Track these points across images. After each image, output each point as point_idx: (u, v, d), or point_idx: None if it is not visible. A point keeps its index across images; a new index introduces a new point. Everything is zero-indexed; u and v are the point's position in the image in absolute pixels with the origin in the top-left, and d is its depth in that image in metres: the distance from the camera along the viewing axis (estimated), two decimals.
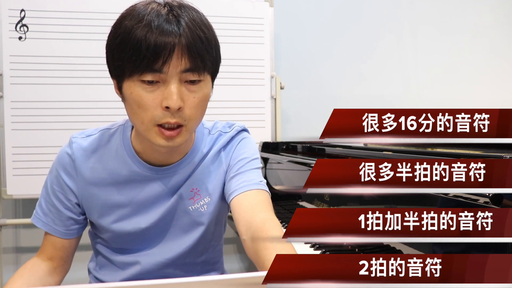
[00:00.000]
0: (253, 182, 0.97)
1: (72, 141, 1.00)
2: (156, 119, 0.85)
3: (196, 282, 0.44)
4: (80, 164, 0.98)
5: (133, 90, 0.85)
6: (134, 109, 0.87)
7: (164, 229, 1.02)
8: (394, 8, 2.89)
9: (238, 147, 1.04)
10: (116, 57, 0.86)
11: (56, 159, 1.01)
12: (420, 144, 1.77)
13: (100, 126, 1.03)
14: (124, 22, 0.85)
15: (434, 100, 2.93)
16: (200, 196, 1.01)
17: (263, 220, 0.88)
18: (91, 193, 0.99)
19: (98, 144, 1.00)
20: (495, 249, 0.80)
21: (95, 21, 2.25)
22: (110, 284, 0.39)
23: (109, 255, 1.05)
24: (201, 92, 0.88)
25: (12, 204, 2.39)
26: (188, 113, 0.87)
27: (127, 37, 0.83)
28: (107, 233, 1.02)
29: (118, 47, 0.85)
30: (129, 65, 0.84)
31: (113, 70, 0.89)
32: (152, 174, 0.99)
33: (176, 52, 0.82)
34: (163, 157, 0.98)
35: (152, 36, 0.81)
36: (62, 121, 2.21)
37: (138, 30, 0.82)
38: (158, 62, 0.82)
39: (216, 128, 1.06)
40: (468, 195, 0.85)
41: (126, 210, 1.00)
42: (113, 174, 0.98)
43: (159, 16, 0.83)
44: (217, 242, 1.10)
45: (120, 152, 0.99)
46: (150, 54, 0.81)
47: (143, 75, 0.83)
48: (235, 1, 2.38)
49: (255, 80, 2.44)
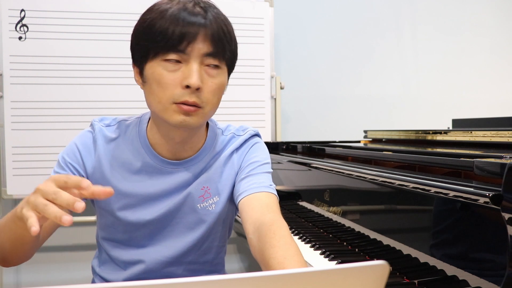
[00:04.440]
0: (263, 185, 0.99)
1: (94, 124, 1.04)
2: (175, 97, 0.89)
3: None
4: (100, 146, 1.01)
5: (155, 69, 0.90)
6: (154, 88, 0.91)
7: (169, 224, 1.03)
8: (394, 8, 2.89)
9: (250, 151, 1.06)
10: (142, 38, 0.91)
11: (77, 137, 1.03)
12: (420, 144, 1.77)
13: (116, 116, 1.07)
14: (151, 12, 0.91)
15: (434, 100, 2.93)
16: (210, 195, 1.03)
17: (271, 221, 0.89)
18: (102, 175, 1.00)
19: (117, 134, 1.03)
20: (495, 249, 0.80)
21: (95, 21, 2.25)
22: (110, 284, 0.39)
23: (112, 252, 1.05)
24: (219, 78, 0.93)
25: (12, 204, 2.39)
26: (206, 96, 0.91)
27: (155, 22, 0.89)
28: (111, 217, 1.02)
29: (146, 29, 0.90)
30: (154, 46, 0.89)
31: (138, 52, 0.93)
32: (164, 166, 1.00)
33: (200, 37, 0.89)
34: (177, 149, 1.00)
35: (178, 25, 0.88)
36: (62, 121, 2.21)
37: (164, 19, 0.88)
38: (183, 44, 0.88)
39: (230, 130, 1.09)
40: (468, 195, 0.85)
41: (132, 200, 1.01)
42: (127, 163, 1.01)
43: (185, 9, 0.89)
44: (222, 244, 1.11)
45: (135, 143, 1.01)
46: (177, 36, 0.87)
47: (167, 55, 0.88)
48: (235, 1, 2.38)
49: (255, 80, 2.44)
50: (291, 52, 2.76)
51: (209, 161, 1.03)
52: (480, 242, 0.85)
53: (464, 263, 0.86)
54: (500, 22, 3.02)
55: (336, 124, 2.82)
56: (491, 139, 1.37)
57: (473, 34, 2.98)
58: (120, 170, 1.00)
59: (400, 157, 1.31)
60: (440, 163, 1.14)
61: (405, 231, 1.09)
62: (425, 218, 1.02)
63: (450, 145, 1.57)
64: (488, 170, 0.88)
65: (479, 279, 0.81)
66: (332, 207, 1.42)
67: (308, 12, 2.78)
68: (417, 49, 2.92)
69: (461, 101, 2.95)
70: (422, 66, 2.93)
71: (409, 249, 1.01)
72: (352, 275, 0.45)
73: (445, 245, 0.93)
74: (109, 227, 1.04)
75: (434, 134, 1.68)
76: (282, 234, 0.85)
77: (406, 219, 1.10)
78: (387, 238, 1.10)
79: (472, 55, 2.97)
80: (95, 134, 1.02)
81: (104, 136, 1.02)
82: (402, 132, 1.92)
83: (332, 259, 1.17)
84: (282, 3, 2.69)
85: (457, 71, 2.96)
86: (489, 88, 2.99)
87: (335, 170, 1.43)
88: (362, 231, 1.23)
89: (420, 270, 0.97)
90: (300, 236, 1.40)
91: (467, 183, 0.90)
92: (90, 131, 1.03)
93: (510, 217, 0.76)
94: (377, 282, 0.46)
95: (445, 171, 1.16)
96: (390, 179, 1.12)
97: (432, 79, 2.94)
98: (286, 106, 2.73)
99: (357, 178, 1.28)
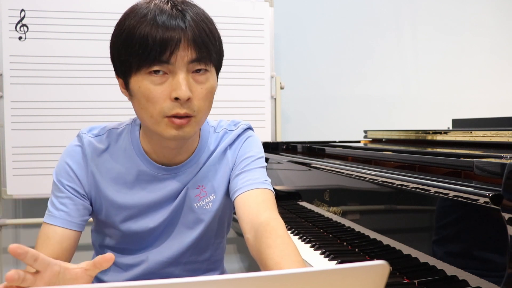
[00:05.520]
0: (258, 181, 0.98)
1: (82, 136, 0.99)
2: (166, 111, 0.86)
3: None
4: (90, 159, 0.97)
5: (141, 84, 0.86)
6: (143, 103, 0.87)
7: (170, 227, 1.02)
8: (394, 8, 2.89)
9: (244, 145, 1.04)
10: (123, 52, 0.86)
11: (64, 153, 0.99)
12: (420, 144, 1.77)
13: (106, 124, 1.03)
14: (127, 20, 0.87)
15: (434, 100, 2.93)
16: (206, 194, 1.02)
17: (268, 219, 0.88)
18: (98, 190, 0.98)
19: (107, 144, 0.99)
20: (495, 249, 0.80)
21: (95, 21, 2.25)
22: (110, 284, 0.39)
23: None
24: (208, 83, 0.89)
25: (12, 204, 2.39)
26: (197, 104, 0.88)
27: (133, 33, 0.84)
28: (114, 230, 1.01)
29: (124, 43, 0.86)
30: (136, 59, 0.84)
31: (119, 67, 0.89)
32: (161, 173, 0.99)
33: (182, 43, 0.84)
34: (171, 155, 0.98)
35: (158, 30, 0.83)
36: (62, 121, 2.21)
37: (143, 25, 0.84)
38: (165, 54, 0.83)
39: (221, 126, 1.07)
40: (468, 195, 0.85)
41: (133, 211, 0.99)
42: (122, 174, 0.98)
43: (163, 12, 0.85)
44: (220, 240, 1.10)
45: (129, 151, 0.98)
46: (158, 46, 0.82)
47: (151, 67, 0.84)
48: (235, 1, 2.38)
49: (255, 80, 2.44)
50: (291, 52, 2.76)
51: (205, 160, 1.02)
52: (480, 242, 0.85)
53: (464, 263, 0.86)
54: (500, 22, 3.02)
55: (336, 124, 2.82)
56: (491, 139, 1.37)
57: (473, 34, 2.98)
58: (116, 183, 0.98)
59: (400, 157, 1.31)
60: (440, 163, 1.13)
61: (405, 231, 1.09)
62: (425, 218, 1.02)
63: (450, 145, 1.57)
64: (488, 170, 0.88)
65: (479, 279, 0.80)
66: (332, 207, 1.42)
67: (308, 12, 2.78)
68: (417, 49, 2.92)
69: (461, 101, 2.95)
70: (422, 66, 2.93)
71: (409, 249, 1.01)
72: (352, 275, 0.45)
73: (445, 245, 0.93)
74: (110, 237, 1.04)
75: (434, 134, 1.68)
76: (278, 234, 0.84)
77: (406, 219, 1.10)
78: (387, 238, 1.10)
79: (472, 55, 2.97)
80: (84, 148, 0.98)
81: (94, 148, 0.98)
82: (402, 132, 1.92)
83: (332, 259, 1.17)
84: (282, 3, 2.69)
85: (457, 71, 2.96)
86: (489, 88, 2.99)
87: (335, 170, 1.43)
88: (362, 231, 1.23)
89: (420, 270, 0.97)
90: (300, 236, 1.39)
91: (467, 183, 0.90)
92: (78, 145, 0.99)
93: (510, 217, 0.76)
94: (377, 282, 0.46)
95: (445, 171, 1.16)
96: (390, 179, 1.12)
97: (432, 79, 2.94)
98: (286, 106, 2.73)
99: (357, 178, 1.28)
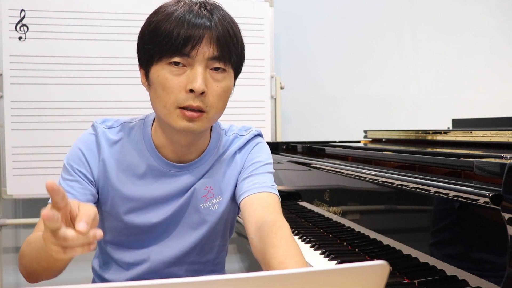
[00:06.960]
0: (265, 185, 1.00)
1: (96, 126, 1.01)
2: (179, 102, 0.89)
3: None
4: (104, 149, 0.99)
5: (160, 73, 0.90)
6: (159, 92, 0.90)
7: (173, 225, 1.03)
8: (394, 8, 2.89)
9: (253, 151, 1.06)
10: (148, 41, 0.91)
11: (78, 140, 1.01)
12: (420, 144, 1.77)
13: (119, 118, 1.05)
14: (156, 16, 0.91)
15: (434, 100, 2.93)
16: (213, 195, 1.03)
17: (274, 220, 0.89)
18: (107, 180, 0.99)
19: (120, 136, 1.01)
20: (495, 249, 0.80)
21: (95, 21, 2.25)
22: (110, 284, 0.39)
23: (115, 253, 1.04)
24: (225, 82, 0.92)
25: (12, 204, 2.39)
26: (211, 100, 0.90)
27: (160, 25, 0.89)
28: (116, 222, 1.02)
29: (150, 34, 0.90)
30: (159, 49, 0.89)
31: (143, 55, 0.93)
32: (170, 169, 1.00)
33: (205, 40, 0.88)
34: (182, 152, 0.99)
35: (184, 26, 0.87)
36: (62, 121, 2.21)
37: (171, 21, 0.88)
38: (187, 47, 0.87)
39: (232, 130, 1.08)
40: (468, 195, 0.85)
41: (138, 204, 1.00)
42: (131, 166, 1.00)
43: (191, 11, 0.89)
44: (223, 243, 1.11)
45: (140, 145, 1.00)
46: (181, 39, 0.87)
47: (171, 58, 0.88)
48: (235, 1, 2.38)
49: (255, 80, 2.44)
50: (291, 52, 2.76)
51: (214, 162, 1.03)
52: (480, 242, 0.85)
53: (464, 263, 0.86)
54: (500, 22, 3.02)
55: (336, 124, 2.82)
56: (491, 139, 1.37)
57: (473, 34, 2.98)
58: (125, 174, 1.00)
59: (400, 157, 1.31)
60: (440, 163, 1.14)
61: (405, 231, 1.09)
62: (425, 218, 1.02)
63: (450, 145, 1.57)
64: (488, 170, 0.88)
65: (479, 279, 0.80)
66: (332, 207, 1.42)
67: (308, 12, 2.78)
68: (417, 49, 2.92)
69: (461, 101, 2.95)
70: (422, 66, 2.93)
71: (409, 249, 1.01)
72: (352, 275, 0.45)
73: (445, 245, 0.93)
74: (113, 231, 1.04)
75: (434, 134, 1.68)
76: (283, 234, 0.85)
77: (406, 219, 1.10)
78: (387, 238, 1.10)
79: (472, 55, 2.97)
80: (98, 137, 1.00)
81: (107, 138, 1.00)
82: (402, 132, 1.92)
83: (332, 259, 1.17)
84: (282, 3, 2.69)
85: (457, 71, 2.96)
86: (489, 88, 2.99)
87: (335, 170, 1.43)
88: (362, 231, 1.23)
89: (420, 270, 0.97)
90: (300, 236, 1.40)
91: (467, 183, 0.90)
92: (92, 133, 1.01)
93: (510, 217, 0.76)
94: (377, 282, 0.46)
95: (445, 171, 1.16)
96: (390, 179, 1.12)
97: (432, 79, 2.94)
98: (286, 106, 2.73)
99: (357, 178, 1.28)
